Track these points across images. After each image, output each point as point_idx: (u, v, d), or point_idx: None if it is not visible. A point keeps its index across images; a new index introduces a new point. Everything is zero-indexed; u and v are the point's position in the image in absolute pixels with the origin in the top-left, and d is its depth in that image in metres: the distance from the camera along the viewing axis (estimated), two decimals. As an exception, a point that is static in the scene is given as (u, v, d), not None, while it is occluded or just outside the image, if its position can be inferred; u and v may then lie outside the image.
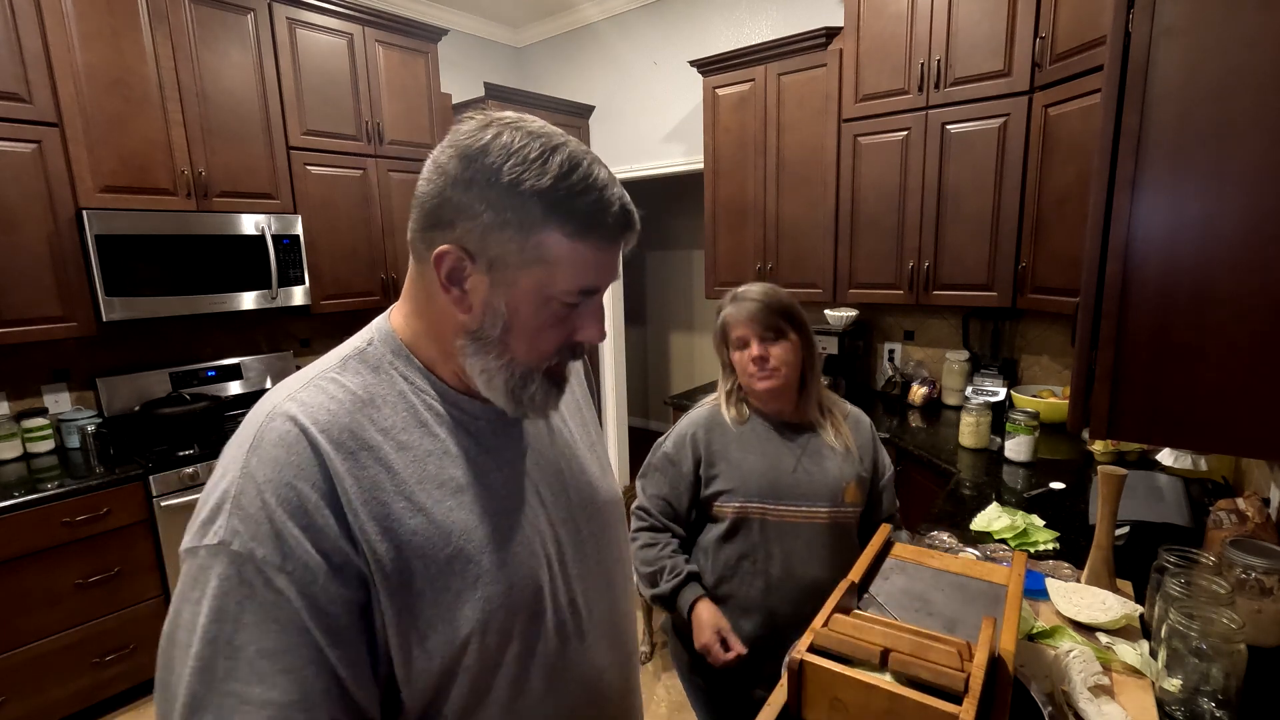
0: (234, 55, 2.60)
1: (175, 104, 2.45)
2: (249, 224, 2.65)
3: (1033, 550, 1.44)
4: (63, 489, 2.11)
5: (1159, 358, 0.83)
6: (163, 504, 2.30)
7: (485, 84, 3.48)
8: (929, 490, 2.11)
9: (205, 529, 0.55)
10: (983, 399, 2.50)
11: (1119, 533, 1.36)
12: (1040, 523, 1.55)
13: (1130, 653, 1.03)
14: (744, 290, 1.36)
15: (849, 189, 2.71)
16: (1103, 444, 2.03)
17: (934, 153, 2.46)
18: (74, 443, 2.48)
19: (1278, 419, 0.77)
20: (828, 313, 2.95)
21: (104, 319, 2.33)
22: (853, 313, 2.94)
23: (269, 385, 3.06)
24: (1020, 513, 1.59)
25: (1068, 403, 0.98)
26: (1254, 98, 0.74)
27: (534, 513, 0.69)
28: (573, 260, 0.60)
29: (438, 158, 0.61)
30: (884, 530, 1.08)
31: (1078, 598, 1.15)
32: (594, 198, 0.60)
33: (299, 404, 0.59)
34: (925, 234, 2.54)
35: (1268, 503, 1.33)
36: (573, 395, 0.83)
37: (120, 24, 2.31)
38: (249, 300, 2.69)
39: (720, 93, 3.03)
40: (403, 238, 3.22)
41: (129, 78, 2.34)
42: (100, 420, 2.52)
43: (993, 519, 1.56)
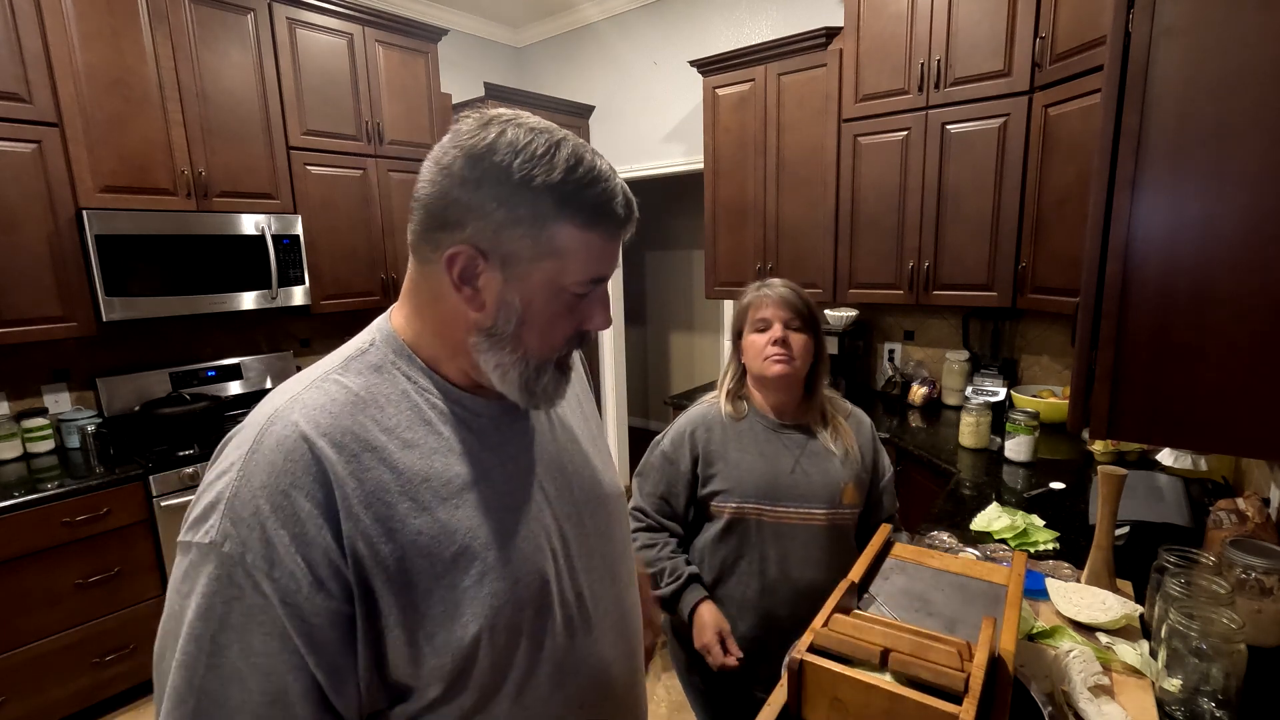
0: (234, 55, 2.60)
1: (175, 104, 2.45)
2: (249, 224, 2.65)
3: (1033, 550, 1.44)
4: (63, 489, 2.11)
5: (1159, 358, 0.83)
6: (163, 504, 2.30)
7: (485, 84, 3.48)
8: (929, 490, 2.11)
9: (199, 525, 0.56)
10: (983, 399, 2.50)
11: (1119, 533, 1.36)
12: (1040, 523, 1.55)
13: (1130, 653, 1.03)
14: (772, 280, 1.38)
15: (849, 189, 2.71)
16: (1103, 444, 2.03)
17: (934, 153, 2.46)
18: (74, 443, 2.48)
19: (1278, 419, 0.77)
20: (828, 313, 2.94)
21: (104, 319, 2.33)
22: (853, 313, 2.94)
23: (269, 385, 3.06)
24: (1020, 513, 1.58)
25: (1068, 403, 0.98)
26: (1254, 98, 0.74)
27: (538, 508, 0.70)
28: (584, 251, 0.62)
29: (440, 159, 0.61)
30: (884, 530, 1.08)
31: (1078, 598, 1.15)
32: (601, 189, 0.61)
33: (302, 406, 0.59)
34: (925, 234, 2.54)
35: (1268, 503, 1.33)
36: (573, 390, 0.83)
37: (120, 24, 2.31)
38: (249, 300, 2.69)
39: (720, 93, 3.03)
40: (403, 238, 3.20)
41: (129, 78, 2.34)
42: (100, 420, 2.52)
43: (993, 519, 1.56)
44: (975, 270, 2.45)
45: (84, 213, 2.25)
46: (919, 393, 2.81)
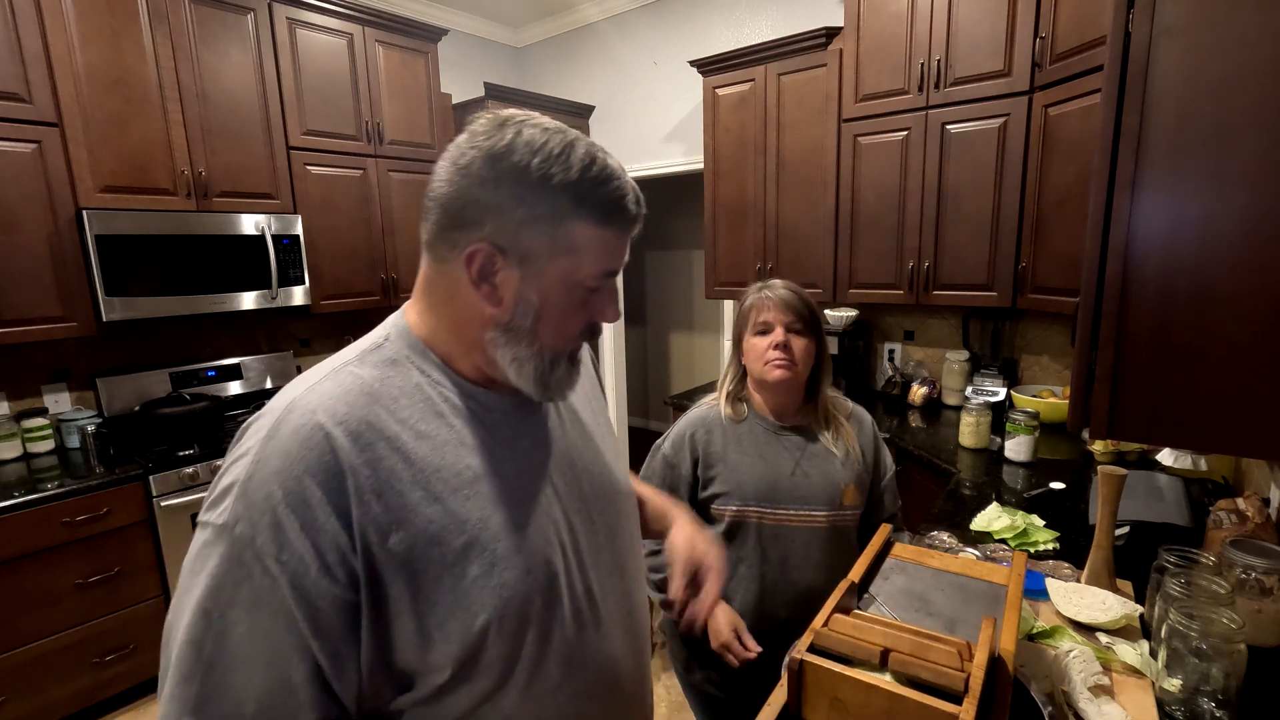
0: (234, 55, 2.60)
1: (175, 104, 2.45)
2: (249, 224, 2.65)
3: (1033, 550, 1.44)
4: (63, 489, 2.11)
5: (1159, 358, 0.83)
6: (163, 504, 2.30)
7: (485, 84, 3.48)
8: (929, 490, 2.11)
9: (215, 506, 0.58)
10: (983, 399, 2.50)
11: (1119, 533, 1.36)
12: (1040, 523, 1.55)
13: (1130, 653, 1.03)
14: (775, 282, 1.36)
15: (849, 189, 2.71)
16: (1103, 444, 2.03)
17: (934, 153, 2.46)
18: (74, 443, 2.48)
19: (1278, 419, 0.77)
20: (828, 313, 2.94)
21: (104, 319, 2.33)
22: (853, 313, 2.94)
23: (269, 385, 3.07)
24: (1020, 513, 1.58)
25: (1068, 403, 0.98)
26: (1254, 98, 0.74)
27: (548, 502, 0.71)
28: (598, 247, 0.64)
29: (458, 160, 0.62)
30: (884, 530, 1.08)
31: (1078, 598, 1.15)
32: (614, 186, 0.63)
33: (320, 396, 0.61)
34: (925, 234, 2.54)
35: (1268, 503, 1.33)
36: (584, 385, 0.85)
37: (120, 24, 2.31)
38: (249, 300, 2.69)
39: (720, 93, 3.03)
40: (403, 238, 3.22)
41: (129, 78, 2.34)
42: (100, 420, 2.52)
43: (993, 519, 1.56)
44: (975, 270, 2.45)
45: (84, 213, 2.25)
46: (919, 393, 2.81)
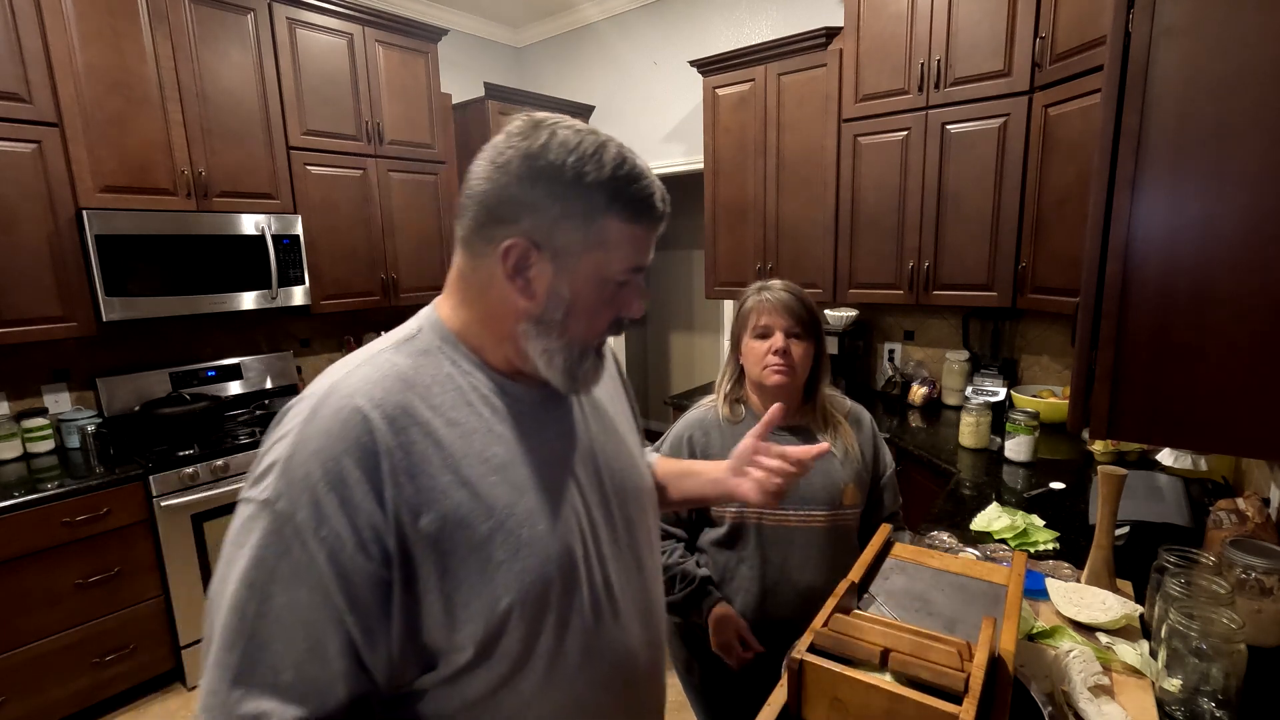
0: (234, 55, 2.60)
1: (175, 104, 2.45)
2: (249, 224, 2.65)
3: (1033, 550, 1.44)
4: (63, 489, 2.11)
5: (1159, 358, 0.83)
6: (163, 504, 2.29)
7: (485, 84, 3.48)
8: (929, 490, 2.11)
9: (258, 483, 0.61)
10: (983, 399, 2.50)
11: (1119, 533, 1.36)
12: (1040, 523, 1.55)
13: (1130, 653, 1.03)
14: (774, 283, 1.36)
15: (849, 189, 2.71)
16: (1103, 444, 2.03)
17: (934, 153, 2.46)
18: (74, 443, 2.47)
19: (1278, 419, 0.77)
20: (828, 313, 2.94)
21: (104, 319, 2.33)
22: (853, 313, 2.94)
23: (269, 385, 3.07)
24: (1020, 513, 1.58)
25: (1068, 403, 0.98)
26: (1254, 98, 0.74)
27: (571, 492, 0.73)
28: (628, 243, 0.67)
29: (496, 159, 0.65)
30: (884, 530, 1.08)
31: (1078, 598, 1.15)
32: (643, 184, 0.66)
33: (358, 380, 0.64)
34: (925, 234, 2.54)
35: (1268, 503, 1.33)
36: (608, 383, 0.87)
37: (120, 24, 2.31)
38: (249, 300, 2.69)
39: (720, 93, 3.03)
40: (403, 238, 3.23)
41: (129, 78, 2.34)
42: (100, 420, 2.52)
43: (993, 519, 1.56)
44: (975, 270, 2.45)
45: (84, 213, 2.25)
46: (919, 393, 2.81)
